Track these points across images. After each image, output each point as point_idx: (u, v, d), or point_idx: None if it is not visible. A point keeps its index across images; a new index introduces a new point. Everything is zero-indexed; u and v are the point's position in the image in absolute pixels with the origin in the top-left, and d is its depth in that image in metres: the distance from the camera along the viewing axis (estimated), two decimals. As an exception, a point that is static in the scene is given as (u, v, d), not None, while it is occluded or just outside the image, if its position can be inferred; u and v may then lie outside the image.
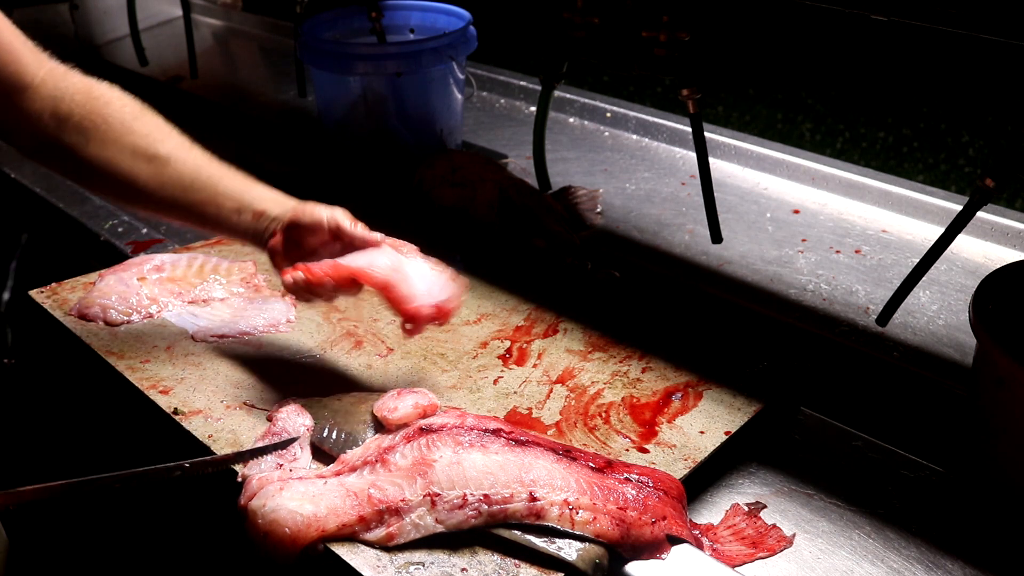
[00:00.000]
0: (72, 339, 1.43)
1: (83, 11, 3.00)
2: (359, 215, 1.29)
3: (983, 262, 1.71)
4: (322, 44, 2.01)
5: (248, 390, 1.30)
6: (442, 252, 1.68)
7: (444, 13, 2.14)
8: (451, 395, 1.29)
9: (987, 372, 1.15)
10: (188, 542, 1.66)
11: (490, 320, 1.48)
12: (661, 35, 1.59)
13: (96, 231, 1.83)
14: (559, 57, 1.82)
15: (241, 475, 1.10)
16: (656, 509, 1.03)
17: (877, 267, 1.70)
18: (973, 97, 1.97)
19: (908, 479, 1.21)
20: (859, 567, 1.07)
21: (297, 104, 2.56)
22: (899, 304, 1.38)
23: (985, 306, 1.17)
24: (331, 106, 2.08)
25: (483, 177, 1.78)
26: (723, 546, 1.09)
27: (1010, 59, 1.83)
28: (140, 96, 1.33)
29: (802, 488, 1.19)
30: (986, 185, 1.27)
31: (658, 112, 2.31)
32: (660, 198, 1.99)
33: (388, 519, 1.02)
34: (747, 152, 2.10)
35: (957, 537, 1.12)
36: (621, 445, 1.19)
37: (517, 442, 1.08)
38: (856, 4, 1.33)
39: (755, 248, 1.77)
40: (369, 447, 1.12)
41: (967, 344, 1.46)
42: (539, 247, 1.68)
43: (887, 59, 2.06)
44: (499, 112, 2.51)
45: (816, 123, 2.25)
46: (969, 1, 1.17)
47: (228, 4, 3.40)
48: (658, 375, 1.33)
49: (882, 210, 1.90)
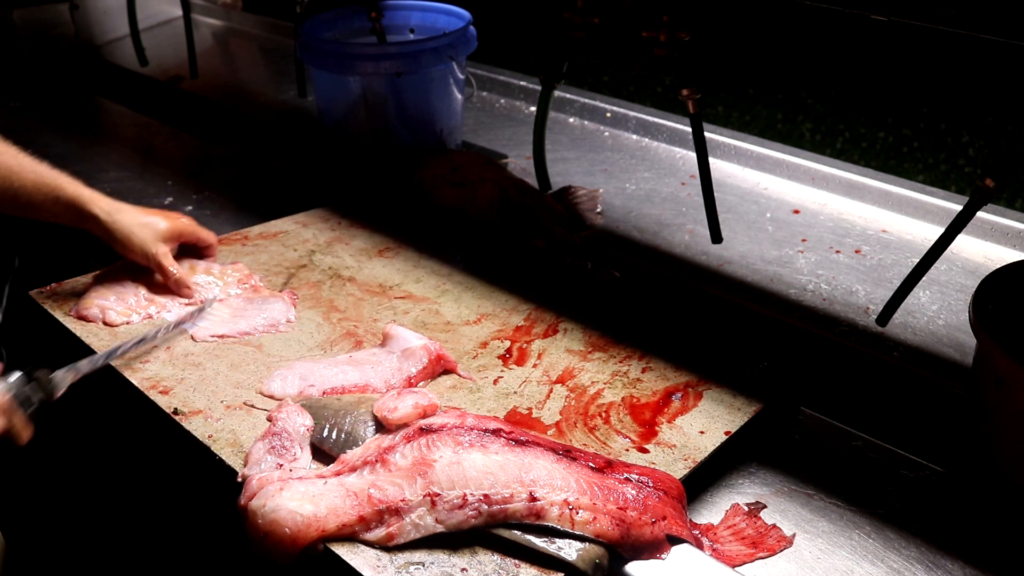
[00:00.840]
0: (72, 339, 1.43)
1: (83, 11, 3.00)
2: (360, 215, 1.29)
3: (983, 262, 1.71)
4: (322, 44, 2.01)
5: (248, 390, 1.30)
6: (442, 252, 1.69)
7: (444, 13, 2.14)
8: (451, 395, 1.29)
9: (987, 372, 1.15)
10: (188, 542, 1.66)
11: (490, 320, 1.48)
12: (661, 35, 1.59)
13: (96, 231, 1.83)
14: (559, 57, 1.82)
15: (241, 475, 1.10)
16: (656, 509, 1.04)
17: (877, 267, 1.70)
18: (973, 97, 1.97)
19: (908, 479, 1.21)
20: (859, 567, 1.07)
21: (297, 104, 2.56)
22: (899, 304, 1.38)
23: (985, 306, 1.17)
24: (331, 106, 2.08)
25: (483, 177, 1.79)
26: (723, 546, 1.09)
27: (1010, 59, 1.83)
28: (140, 96, 1.33)
29: (802, 488, 1.19)
30: (986, 185, 1.27)
31: (658, 112, 2.32)
32: (660, 198, 1.99)
33: (388, 519, 1.02)
34: (747, 152, 2.10)
35: (957, 537, 1.12)
36: (621, 445, 1.19)
37: (517, 442, 1.08)
38: (856, 4, 1.33)
39: (755, 248, 1.77)
40: (369, 447, 1.12)
41: (967, 344, 1.46)
42: (539, 247, 1.69)
43: (887, 59, 2.06)
44: (499, 112, 2.51)
45: (816, 123, 2.25)
46: (969, 1, 1.17)
47: (228, 4, 3.40)
48: (658, 375, 1.33)
49: (882, 210, 1.90)
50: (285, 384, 1.29)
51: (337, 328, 1.45)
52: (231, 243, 1.71)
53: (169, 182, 2.13)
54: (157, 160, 2.26)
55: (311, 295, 1.54)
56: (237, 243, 1.71)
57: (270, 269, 1.62)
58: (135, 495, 1.80)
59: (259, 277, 1.59)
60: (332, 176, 2.10)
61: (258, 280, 1.58)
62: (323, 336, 1.43)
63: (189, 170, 2.19)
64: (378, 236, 1.75)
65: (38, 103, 2.67)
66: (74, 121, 2.55)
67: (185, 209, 1.99)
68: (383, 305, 1.52)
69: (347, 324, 1.46)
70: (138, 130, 2.45)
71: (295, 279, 1.59)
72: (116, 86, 2.84)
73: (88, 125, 2.55)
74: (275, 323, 1.46)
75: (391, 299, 1.53)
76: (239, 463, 1.14)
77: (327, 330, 1.45)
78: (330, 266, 1.64)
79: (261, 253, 1.68)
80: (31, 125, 2.50)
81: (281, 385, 1.29)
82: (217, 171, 2.19)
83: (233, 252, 1.67)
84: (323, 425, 1.17)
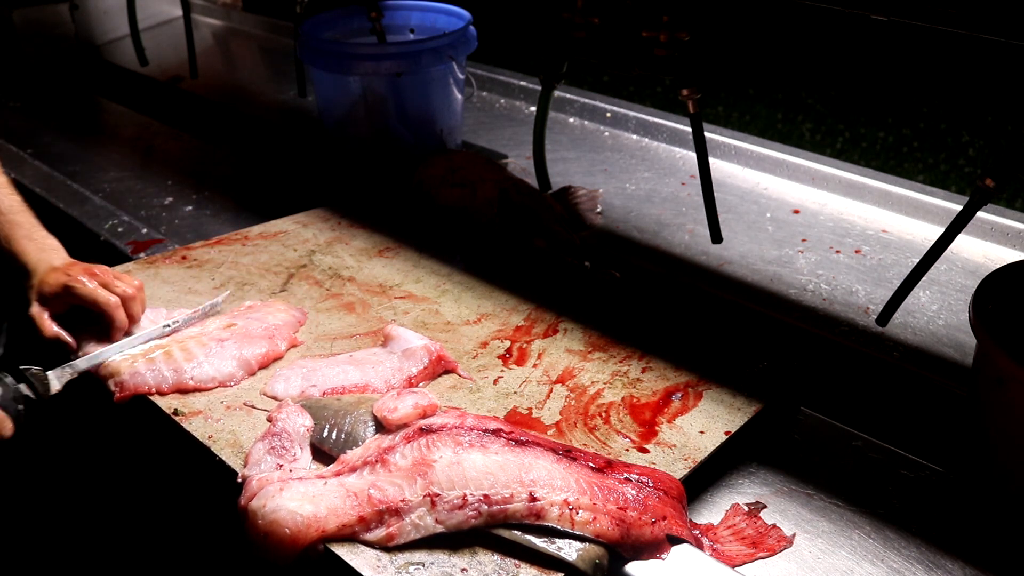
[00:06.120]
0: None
1: (83, 11, 3.01)
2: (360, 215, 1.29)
3: (983, 262, 1.71)
4: (322, 44, 2.01)
5: (248, 390, 1.30)
6: (442, 252, 1.69)
7: (444, 13, 2.14)
8: (451, 395, 1.29)
9: (987, 372, 1.15)
10: (188, 542, 1.66)
11: (490, 320, 1.48)
12: (661, 35, 1.59)
13: (96, 231, 1.83)
14: (559, 57, 1.82)
15: (241, 476, 1.10)
16: (656, 509, 1.04)
17: (877, 267, 1.70)
18: (973, 97, 1.97)
19: (908, 479, 1.21)
20: (859, 567, 1.07)
21: (297, 104, 2.56)
22: (899, 304, 1.38)
23: (985, 306, 1.17)
24: (331, 106, 2.08)
25: (483, 177, 1.79)
26: (723, 546, 1.09)
27: (1010, 59, 1.83)
28: (140, 96, 1.33)
29: (802, 488, 1.19)
30: (986, 185, 1.27)
31: (658, 112, 2.32)
32: (660, 198, 1.99)
33: (388, 519, 1.02)
34: (747, 152, 2.10)
35: (957, 537, 1.12)
36: (621, 445, 1.19)
37: (517, 442, 1.08)
38: (856, 4, 1.33)
39: (755, 248, 1.77)
40: (369, 447, 1.12)
41: (967, 344, 1.46)
42: (539, 247, 1.69)
43: (887, 59, 2.06)
44: (499, 112, 2.51)
45: (816, 123, 2.25)
46: (969, 1, 1.17)
47: (228, 4, 3.40)
48: (658, 375, 1.33)
49: (882, 210, 1.90)
50: (288, 385, 1.29)
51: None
52: (231, 243, 1.71)
53: (169, 182, 2.13)
54: (157, 160, 2.26)
55: (311, 295, 1.54)
56: (237, 243, 1.71)
57: (270, 269, 1.62)
58: (135, 496, 1.80)
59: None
60: (332, 176, 2.10)
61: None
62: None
63: (189, 170, 2.19)
64: (378, 236, 1.75)
65: (38, 103, 2.67)
66: (74, 121, 2.55)
67: (185, 209, 1.99)
68: (383, 305, 1.52)
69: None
70: (138, 130, 2.45)
71: (295, 279, 1.59)
72: (116, 86, 2.84)
73: (88, 125, 2.55)
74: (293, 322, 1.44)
75: (391, 299, 1.53)
76: (239, 463, 1.14)
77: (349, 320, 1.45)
78: (330, 266, 1.64)
79: (261, 253, 1.68)
80: (31, 125, 2.50)
81: (284, 386, 1.29)
82: (217, 171, 2.19)
83: (233, 252, 1.67)
84: (323, 425, 1.17)
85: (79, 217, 1.89)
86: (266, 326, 1.40)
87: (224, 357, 1.32)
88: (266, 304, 1.48)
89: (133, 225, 1.85)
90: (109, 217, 1.88)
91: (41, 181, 2.05)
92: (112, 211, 1.91)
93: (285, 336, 1.39)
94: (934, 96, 2.03)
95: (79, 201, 1.96)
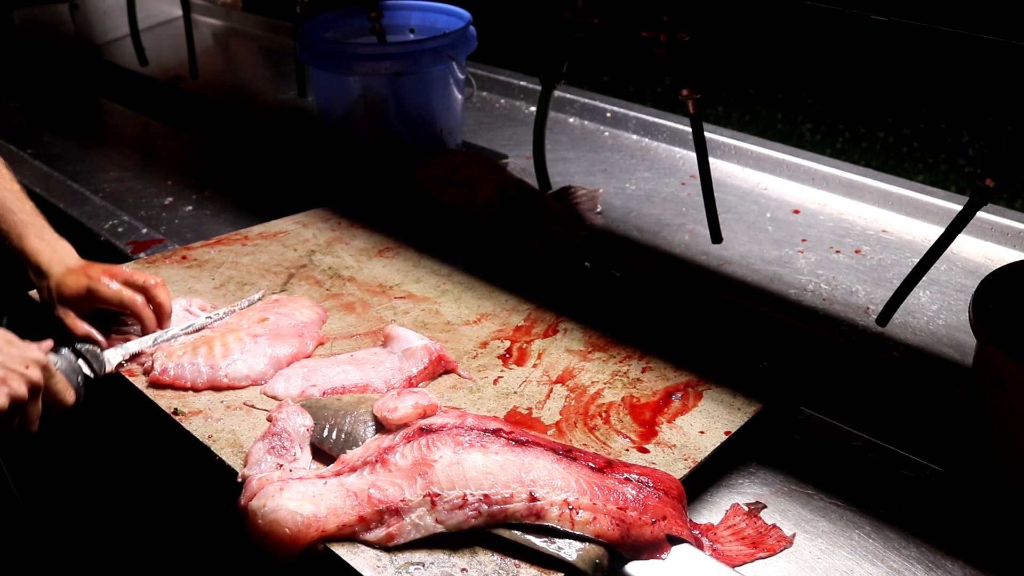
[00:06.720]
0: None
1: (83, 11, 3.01)
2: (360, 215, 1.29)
3: (983, 262, 1.71)
4: (322, 44, 2.01)
5: (248, 390, 1.30)
6: (442, 252, 1.69)
7: (444, 13, 2.14)
8: (451, 395, 1.29)
9: (987, 372, 1.15)
10: (188, 542, 1.66)
11: (490, 320, 1.48)
12: (661, 35, 1.59)
13: (96, 231, 1.83)
14: (559, 57, 1.82)
15: (241, 475, 1.10)
16: (656, 509, 1.04)
17: (877, 267, 1.70)
18: (973, 97, 1.97)
19: (908, 479, 1.21)
20: (859, 567, 1.07)
21: (297, 104, 2.56)
22: (899, 304, 1.38)
23: (985, 306, 1.17)
24: (331, 106, 2.08)
25: (483, 177, 1.79)
26: (723, 546, 1.09)
27: (1010, 59, 1.83)
28: (140, 96, 1.34)
29: (802, 488, 1.19)
30: (986, 185, 1.27)
31: (658, 112, 2.32)
32: (660, 198, 1.99)
33: (388, 519, 1.02)
34: (747, 152, 2.10)
35: (957, 537, 1.12)
36: (621, 445, 1.19)
37: (517, 442, 1.08)
38: (856, 4, 1.33)
39: (755, 248, 1.77)
40: (369, 447, 1.12)
41: (967, 344, 1.46)
42: (539, 247, 1.69)
43: (887, 59, 2.06)
44: (499, 112, 2.51)
45: (816, 123, 2.25)
46: (969, 1, 1.17)
47: (228, 4, 3.40)
48: (658, 375, 1.33)
49: (882, 210, 1.90)
50: (288, 384, 1.29)
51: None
52: (231, 243, 1.71)
53: (169, 182, 2.13)
54: (157, 160, 2.26)
55: (311, 295, 1.54)
56: (237, 243, 1.71)
57: (270, 269, 1.62)
58: (135, 495, 1.80)
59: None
60: (332, 176, 2.10)
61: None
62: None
63: (189, 170, 2.19)
64: (378, 236, 1.75)
65: (38, 103, 2.67)
66: (74, 121, 2.55)
67: (185, 209, 1.99)
68: (383, 305, 1.52)
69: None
70: (138, 130, 2.45)
71: (295, 279, 1.59)
72: (116, 86, 2.84)
73: (88, 125, 2.55)
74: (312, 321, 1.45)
75: (391, 299, 1.53)
76: (239, 463, 1.14)
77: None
78: (330, 266, 1.64)
79: (261, 253, 1.68)
80: (31, 125, 2.50)
81: (284, 386, 1.29)
82: (217, 171, 2.19)
83: (233, 252, 1.67)
84: (323, 425, 1.17)
85: (79, 217, 1.89)
86: (295, 323, 1.40)
87: (257, 355, 1.33)
88: (292, 299, 1.49)
89: (133, 225, 1.85)
90: (109, 217, 1.88)
91: (41, 181, 2.05)
92: (112, 211, 1.91)
93: (314, 335, 1.40)
94: (934, 96, 2.04)
95: (79, 201, 1.96)
